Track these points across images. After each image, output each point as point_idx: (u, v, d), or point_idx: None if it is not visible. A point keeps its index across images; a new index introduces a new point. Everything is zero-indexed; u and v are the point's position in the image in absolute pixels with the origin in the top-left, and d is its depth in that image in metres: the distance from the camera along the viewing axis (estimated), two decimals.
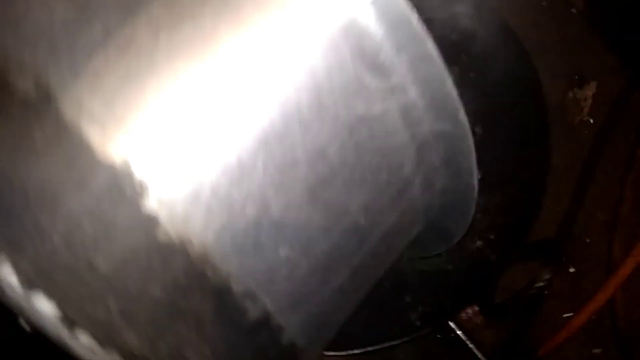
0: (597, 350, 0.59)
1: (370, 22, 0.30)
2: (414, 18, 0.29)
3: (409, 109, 0.32)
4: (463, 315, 0.61)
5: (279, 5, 0.28)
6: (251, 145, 0.27)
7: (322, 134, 0.29)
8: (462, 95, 0.32)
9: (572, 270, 0.63)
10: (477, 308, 0.63)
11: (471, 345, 0.58)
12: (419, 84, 0.31)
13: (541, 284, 0.58)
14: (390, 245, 0.38)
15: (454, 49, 0.56)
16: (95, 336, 0.23)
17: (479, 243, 0.63)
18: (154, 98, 0.24)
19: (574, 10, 0.53)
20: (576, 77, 0.51)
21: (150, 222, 0.24)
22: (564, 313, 0.62)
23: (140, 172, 0.24)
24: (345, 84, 0.29)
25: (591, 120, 0.52)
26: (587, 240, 0.60)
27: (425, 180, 0.37)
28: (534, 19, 0.53)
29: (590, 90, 0.51)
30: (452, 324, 0.58)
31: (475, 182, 0.37)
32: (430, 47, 0.29)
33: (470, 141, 0.34)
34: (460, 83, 0.31)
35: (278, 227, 0.28)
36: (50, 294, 0.23)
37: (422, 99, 0.32)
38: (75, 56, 0.24)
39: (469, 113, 0.33)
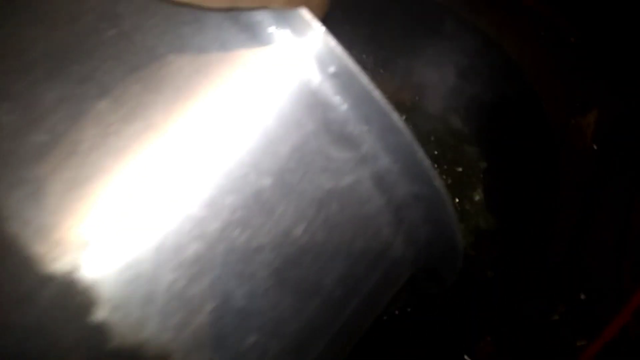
0: None
1: (334, 96, 0.28)
2: (376, 93, 0.27)
3: (382, 175, 0.31)
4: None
5: (236, 87, 0.27)
6: (210, 237, 0.26)
7: (286, 214, 0.28)
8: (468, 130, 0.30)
9: (582, 297, 0.61)
10: (489, 338, 0.62)
11: None
12: (390, 152, 0.30)
13: (555, 316, 0.56)
14: (373, 303, 0.37)
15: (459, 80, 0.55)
16: None
17: (489, 274, 0.61)
18: (101, 203, 0.24)
19: (572, 39, 0.51)
20: (578, 104, 0.49)
21: (102, 331, 0.23)
22: (577, 341, 0.60)
23: (88, 281, 0.23)
24: (310, 161, 0.28)
25: (595, 147, 0.50)
26: (596, 266, 0.58)
27: (408, 238, 0.35)
28: (532, 49, 0.51)
29: (592, 116, 0.49)
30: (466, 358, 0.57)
31: (458, 238, 0.36)
32: (396, 120, 0.28)
33: (448, 204, 0.32)
34: (466, 117, 0.30)
35: (243, 316, 0.27)
36: None
37: (395, 165, 0.31)
38: (18, 163, 0.23)
39: (475, 145, 0.31)
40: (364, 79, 0.28)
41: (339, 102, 0.28)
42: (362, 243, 0.32)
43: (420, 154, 0.29)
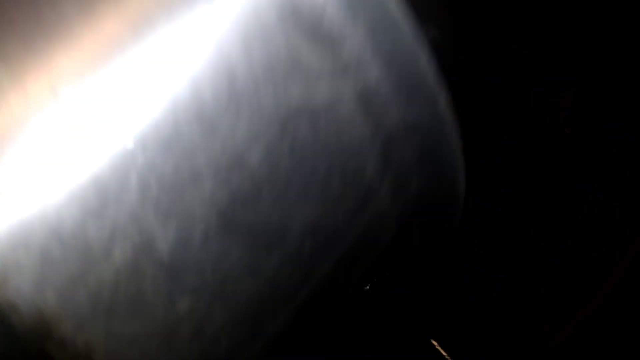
0: None
1: None
2: None
3: (369, 95, 0.23)
4: None
5: None
6: (121, 160, 0.18)
7: (236, 133, 0.20)
8: None
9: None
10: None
11: None
12: (382, 59, 0.22)
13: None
14: (349, 268, 0.29)
15: None
16: None
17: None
18: None
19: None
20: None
21: None
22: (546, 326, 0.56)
23: None
24: (273, 62, 0.20)
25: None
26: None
27: (395, 185, 0.28)
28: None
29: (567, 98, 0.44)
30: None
31: (462, 179, 0.29)
32: (394, 7, 0.20)
33: (454, 134, 0.25)
34: None
35: (171, 273, 0.19)
36: None
37: (387, 81, 0.23)
38: None
39: None
40: None
41: None
42: (340, 184, 0.24)
43: (424, 60, 0.21)
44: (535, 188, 0.52)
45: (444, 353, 0.53)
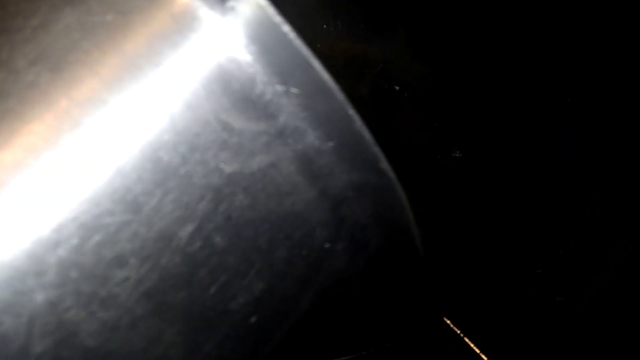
0: None
1: (233, 40, 0.20)
2: (294, 37, 0.19)
3: (310, 158, 0.22)
4: None
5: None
6: (41, 245, 0.17)
7: (163, 210, 0.19)
8: None
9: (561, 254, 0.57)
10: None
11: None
12: (319, 123, 0.22)
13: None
14: (305, 334, 0.28)
15: None
16: None
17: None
18: None
19: None
20: None
21: None
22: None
23: None
24: (200, 131, 0.20)
25: None
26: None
27: (352, 244, 0.27)
28: None
29: None
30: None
31: (418, 244, 0.28)
32: (325, 78, 0.20)
33: (399, 194, 0.24)
34: None
35: None
36: None
37: (327, 142, 0.22)
38: None
39: None
40: (273, 15, 0.19)
41: (241, 50, 0.20)
42: (286, 250, 0.23)
43: (358, 122, 0.21)
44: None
45: (457, 330, 0.54)
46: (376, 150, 0.21)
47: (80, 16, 0.18)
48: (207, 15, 0.20)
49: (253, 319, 0.23)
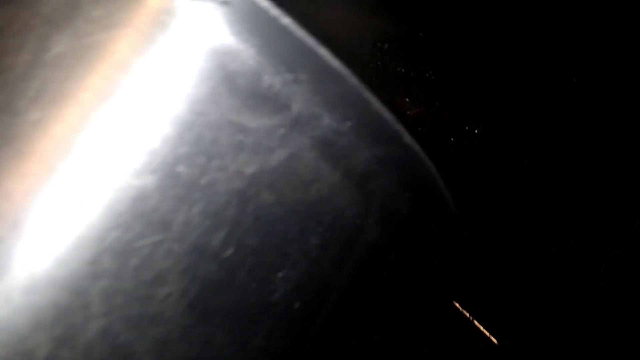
0: None
1: (233, 37, 0.19)
2: (294, 28, 0.18)
3: (330, 140, 0.22)
4: None
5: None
6: (75, 280, 0.18)
7: (192, 223, 0.19)
8: None
9: None
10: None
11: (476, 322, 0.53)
12: (334, 105, 0.21)
13: None
14: (353, 306, 0.29)
15: None
16: None
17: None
18: None
19: None
20: None
21: None
22: None
23: None
24: (214, 138, 0.19)
25: None
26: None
27: (383, 214, 0.27)
28: None
29: None
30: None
31: (449, 199, 0.27)
32: (333, 62, 0.19)
33: (427, 163, 0.24)
34: None
35: None
36: None
37: (345, 122, 0.22)
38: None
39: None
40: (269, 7, 0.18)
41: (242, 44, 0.19)
42: (319, 236, 0.23)
43: (375, 103, 0.20)
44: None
45: (466, 314, 0.54)
46: (398, 127, 0.21)
47: (69, 42, 0.18)
48: (197, 11, 0.19)
49: (296, 305, 0.23)
